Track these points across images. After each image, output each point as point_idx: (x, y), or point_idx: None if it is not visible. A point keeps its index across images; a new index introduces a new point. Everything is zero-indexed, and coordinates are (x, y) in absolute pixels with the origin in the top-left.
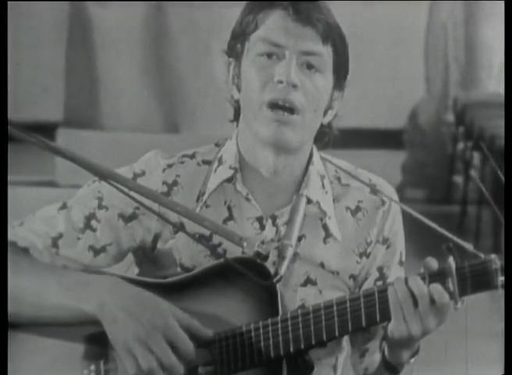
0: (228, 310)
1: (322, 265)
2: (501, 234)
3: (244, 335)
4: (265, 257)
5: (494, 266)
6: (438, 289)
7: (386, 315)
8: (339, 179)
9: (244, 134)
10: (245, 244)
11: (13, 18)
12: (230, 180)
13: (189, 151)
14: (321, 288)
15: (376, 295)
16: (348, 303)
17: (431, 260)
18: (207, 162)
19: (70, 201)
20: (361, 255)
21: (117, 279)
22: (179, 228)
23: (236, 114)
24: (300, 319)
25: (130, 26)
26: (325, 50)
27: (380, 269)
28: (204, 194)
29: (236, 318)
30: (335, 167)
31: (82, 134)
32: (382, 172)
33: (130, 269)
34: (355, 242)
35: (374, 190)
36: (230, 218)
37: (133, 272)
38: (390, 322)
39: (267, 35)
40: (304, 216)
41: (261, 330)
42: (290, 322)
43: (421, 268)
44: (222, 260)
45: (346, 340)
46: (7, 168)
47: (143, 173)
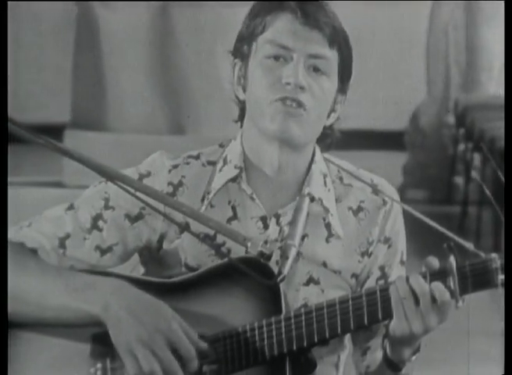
0: (232, 309)
1: (325, 264)
2: (501, 234)
3: (248, 333)
4: (269, 257)
5: (494, 265)
6: (439, 287)
7: (388, 313)
8: (341, 179)
9: (249, 133)
10: (249, 243)
11: (20, 20)
12: (235, 180)
13: (194, 152)
14: (323, 287)
15: (378, 294)
16: (350, 301)
17: (432, 259)
18: (211, 163)
19: (77, 201)
20: (363, 255)
21: (122, 281)
22: (184, 228)
23: (241, 114)
24: (304, 317)
25: (136, 28)
26: (332, 54)
27: (382, 268)
28: (209, 193)
29: (240, 317)
30: (337, 167)
31: (89, 136)
32: (384, 173)
33: (136, 268)
34: (357, 241)
35: (375, 190)
36: (234, 217)
37: (139, 271)
38: (392, 320)
39: (275, 37)
40: (307, 216)
41: (265, 329)
42: (293, 320)
43: (423, 267)
44: (226, 260)
45: (348, 338)
46: (7, 168)
47: (148, 174)
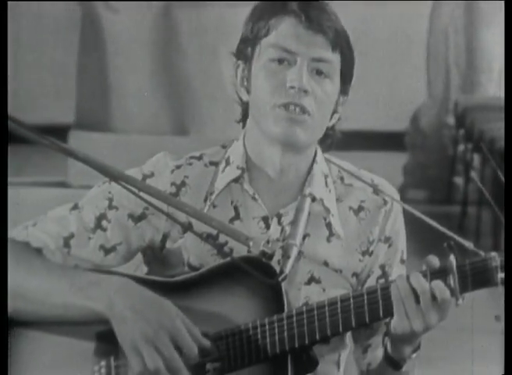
0: (234, 308)
1: (326, 263)
2: (500, 234)
3: (251, 331)
4: (271, 256)
5: (494, 264)
6: (439, 286)
7: (389, 311)
8: (342, 179)
9: (252, 134)
10: (251, 243)
11: (23, 21)
12: (237, 180)
13: (196, 152)
14: (324, 286)
15: (379, 292)
16: (352, 300)
17: (432, 258)
18: (214, 164)
19: (81, 201)
20: (364, 254)
21: (127, 280)
22: (187, 228)
23: (243, 115)
24: (305, 315)
25: (140, 30)
26: (334, 57)
27: (382, 267)
28: (212, 194)
29: (243, 315)
30: (338, 168)
31: (93, 136)
32: (384, 173)
33: (139, 268)
34: (358, 241)
35: (376, 190)
36: (237, 217)
37: (142, 271)
38: (393, 318)
39: (279, 41)
40: (309, 215)
41: (267, 327)
42: (295, 318)
43: (423, 265)
44: (229, 259)
45: (348, 336)
46: (7, 168)
47: (152, 174)
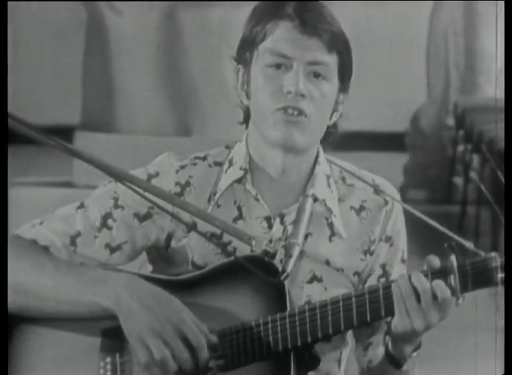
0: (237, 306)
1: (328, 262)
2: (499, 233)
3: (254, 329)
4: (273, 255)
5: (494, 264)
6: (440, 285)
7: (390, 310)
8: (343, 179)
9: (254, 136)
10: (254, 242)
11: (27, 22)
12: (240, 181)
13: (201, 153)
14: (326, 285)
15: (381, 291)
16: (354, 299)
17: (433, 258)
18: (218, 164)
19: (87, 200)
20: (365, 253)
21: (133, 276)
22: (191, 227)
23: (246, 117)
24: (307, 314)
25: (144, 32)
26: (331, 58)
27: (383, 266)
28: (216, 194)
29: (246, 314)
30: (339, 168)
31: (98, 137)
32: (385, 173)
33: (144, 266)
34: (359, 240)
35: (377, 190)
36: (240, 217)
37: (147, 269)
38: (394, 317)
39: (275, 47)
40: (311, 215)
41: (270, 325)
42: (298, 317)
43: (424, 265)
44: (232, 258)
45: (350, 335)
46: (7, 168)
47: (157, 174)
